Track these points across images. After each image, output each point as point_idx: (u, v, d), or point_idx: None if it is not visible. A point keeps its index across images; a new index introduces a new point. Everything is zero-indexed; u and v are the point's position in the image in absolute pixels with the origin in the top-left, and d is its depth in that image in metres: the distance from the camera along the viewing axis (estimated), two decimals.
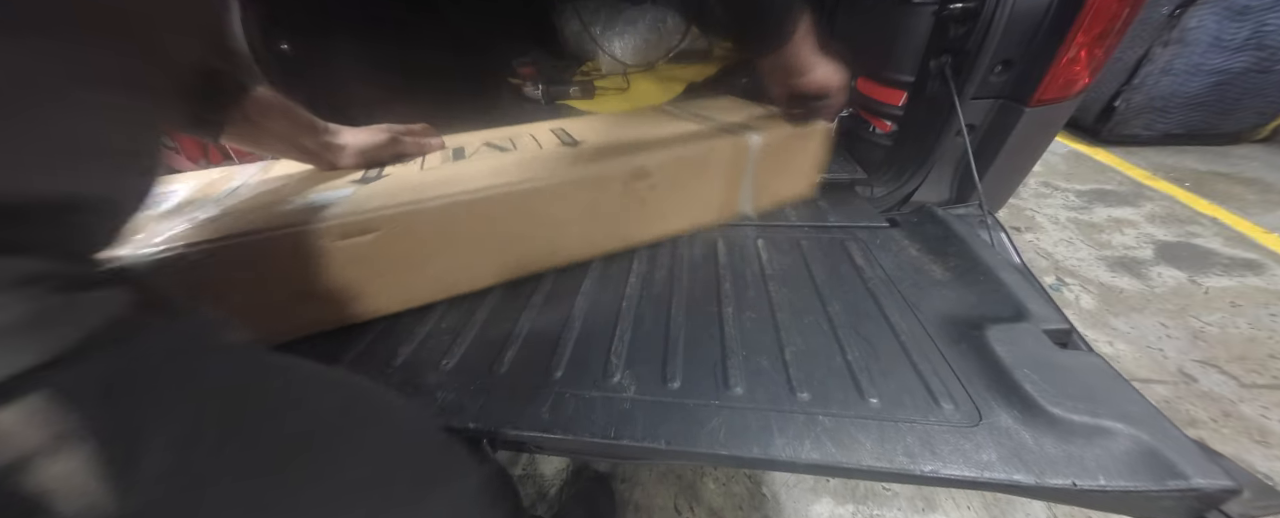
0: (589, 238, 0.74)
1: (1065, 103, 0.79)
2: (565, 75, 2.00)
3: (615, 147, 0.74)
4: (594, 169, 0.68)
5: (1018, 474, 0.43)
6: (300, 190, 0.63)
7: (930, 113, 0.88)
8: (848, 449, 0.46)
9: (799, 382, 0.54)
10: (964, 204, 0.91)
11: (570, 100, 1.84)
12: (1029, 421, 0.47)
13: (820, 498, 1.09)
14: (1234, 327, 1.48)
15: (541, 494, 1.12)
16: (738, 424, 0.49)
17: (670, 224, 0.81)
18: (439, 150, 0.77)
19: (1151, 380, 1.33)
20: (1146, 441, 0.43)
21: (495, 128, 0.91)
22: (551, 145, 0.77)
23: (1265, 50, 2.24)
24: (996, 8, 0.73)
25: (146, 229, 0.56)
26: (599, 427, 0.50)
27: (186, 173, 0.73)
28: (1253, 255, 1.80)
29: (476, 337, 0.63)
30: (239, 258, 0.52)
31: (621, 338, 0.62)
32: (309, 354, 0.60)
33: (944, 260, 0.74)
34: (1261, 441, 1.15)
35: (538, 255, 0.72)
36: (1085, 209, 2.19)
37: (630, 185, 0.70)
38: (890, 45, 1.00)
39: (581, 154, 0.72)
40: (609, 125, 0.88)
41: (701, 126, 0.82)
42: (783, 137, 0.80)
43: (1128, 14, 0.69)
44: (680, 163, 0.73)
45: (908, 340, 0.59)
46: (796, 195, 0.94)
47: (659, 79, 2.00)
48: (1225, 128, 2.57)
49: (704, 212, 0.83)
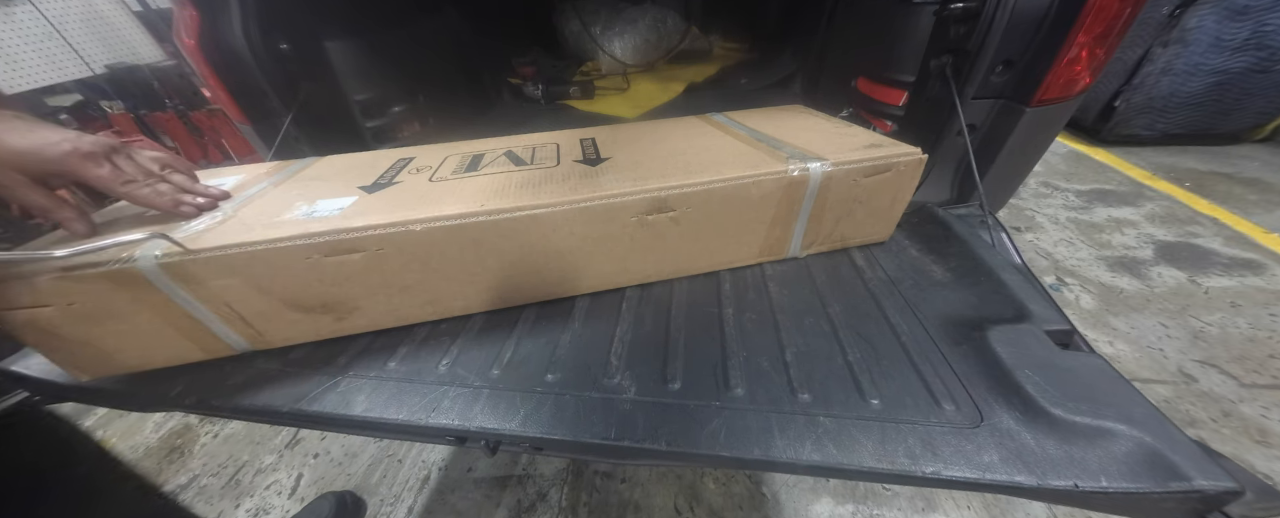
0: (598, 272, 0.66)
1: (1066, 103, 0.79)
2: (565, 75, 2.00)
3: (639, 169, 0.65)
4: (604, 197, 0.59)
5: (1019, 476, 0.43)
6: (306, 196, 0.62)
7: (931, 113, 0.88)
8: (849, 451, 0.46)
9: (800, 383, 0.54)
10: (965, 204, 0.91)
11: (570, 100, 1.84)
12: (1030, 422, 0.47)
13: (820, 498, 1.09)
14: (1234, 327, 1.48)
15: (541, 495, 1.12)
16: (738, 425, 0.49)
17: (696, 264, 0.71)
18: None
19: (1151, 381, 1.33)
20: (1148, 442, 0.43)
21: (524, 134, 0.85)
22: (570, 162, 0.69)
23: (1265, 50, 2.24)
24: (997, 8, 0.73)
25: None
26: (599, 428, 0.50)
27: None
28: (1253, 255, 1.80)
29: (475, 338, 0.63)
30: (229, 265, 0.52)
31: (622, 339, 0.61)
32: (309, 354, 0.61)
33: (945, 261, 0.74)
34: (1261, 441, 1.15)
35: (537, 286, 0.65)
36: (1085, 209, 2.18)
37: (647, 218, 0.62)
38: (890, 45, 0.99)
39: (597, 176, 0.64)
40: (642, 140, 0.77)
41: (751, 147, 0.71)
42: (859, 166, 0.66)
43: (1128, 14, 0.69)
44: (711, 196, 0.62)
45: (909, 341, 0.59)
46: (868, 239, 0.78)
47: (659, 79, 2.00)
48: (1225, 128, 2.57)
49: (740, 252, 0.72)
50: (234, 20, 0.93)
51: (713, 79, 1.95)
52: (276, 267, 0.53)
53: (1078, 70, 0.74)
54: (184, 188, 0.55)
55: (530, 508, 1.10)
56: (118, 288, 0.50)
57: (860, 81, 1.13)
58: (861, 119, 1.13)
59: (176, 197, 0.53)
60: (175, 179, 0.55)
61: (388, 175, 0.68)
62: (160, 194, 0.51)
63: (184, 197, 0.53)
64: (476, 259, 0.59)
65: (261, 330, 0.59)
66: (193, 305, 0.53)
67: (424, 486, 1.16)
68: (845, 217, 0.72)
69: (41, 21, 2.57)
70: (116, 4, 2.90)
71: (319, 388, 0.56)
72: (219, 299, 0.54)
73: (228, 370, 0.60)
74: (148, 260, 0.49)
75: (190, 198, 0.54)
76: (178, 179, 0.55)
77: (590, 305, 0.68)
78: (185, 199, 0.53)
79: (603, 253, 0.64)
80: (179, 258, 0.50)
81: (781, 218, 0.69)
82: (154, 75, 2.82)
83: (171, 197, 0.52)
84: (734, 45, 2.29)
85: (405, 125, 1.42)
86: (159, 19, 2.96)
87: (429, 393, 0.55)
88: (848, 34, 1.30)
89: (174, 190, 0.53)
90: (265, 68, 0.97)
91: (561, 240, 0.61)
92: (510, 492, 1.13)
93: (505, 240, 0.59)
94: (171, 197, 0.52)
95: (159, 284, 0.50)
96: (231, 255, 0.51)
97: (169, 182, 0.54)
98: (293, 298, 0.57)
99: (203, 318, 0.55)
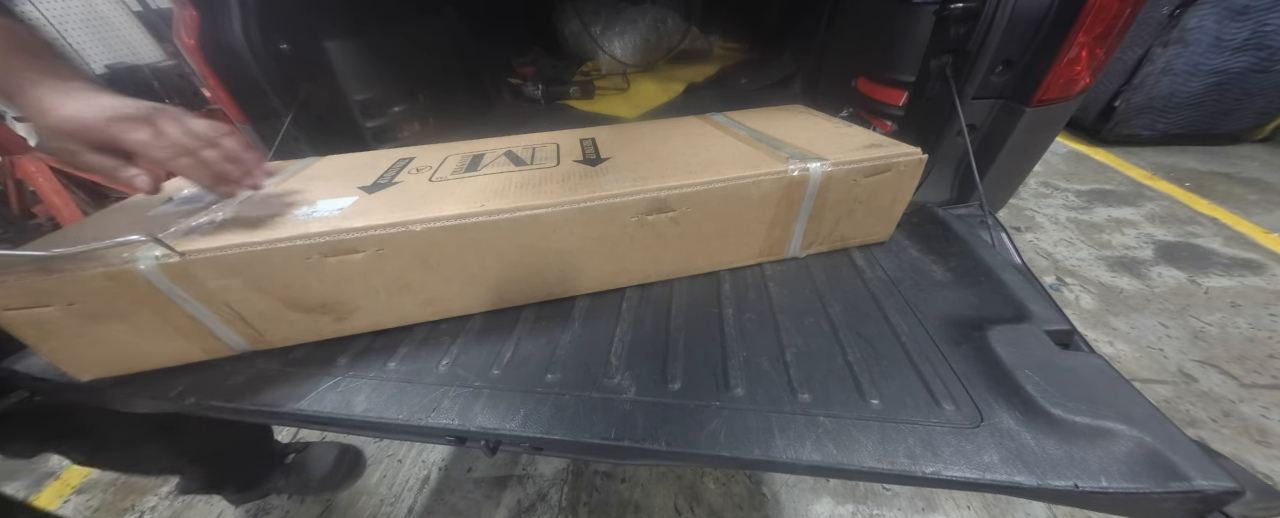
0: (598, 272, 0.67)
1: (1066, 103, 0.79)
2: (565, 75, 2.00)
3: (639, 169, 0.65)
4: (604, 197, 0.59)
5: (1019, 476, 0.43)
6: (306, 196, 0.62)
7: (931, 113, 0.88)
8: (849, 451, 0.46)
9: (800, 383, 0.54)
10: (965, 204, 0.91)
11: (570, 100, 1.84)
12: (1030, 422, 0.47)
13: (820, 498, 1.09)
14: (1234, 327, 1.48)
15: (541, 495, 1.12)
16: (738, 426, 0.49)
17: (695, 264, 0.71)
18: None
19: (1151, 381, 1.33)
20: (1148, 442, 0.43)
21: (524, 134, 0.85)
22: (570, 162, 0.69)
23: (1265, 50, 2.24)
24: (997, 8, 0.73)
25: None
26: (599, 428, 0.50)
27: None
28: (1253, 255, 1.80)
29: (475, 338, 0.63)
30: (229, 266, 0.52)
31: (622, 339, 0.61)
32: (309, 353, 0.61)
33: (945, 261, 0.74)
34: (1261, 441, 1.15)
35: (537, 286, 0.66)
36: (1085, 209, 2.18)
37: (646, 218, 0.62)
38: (890, 45, 0.99)
39: (597, 176, 0.64)
40: (642, 140, 0.78)
41: (751, 148, 0.71)
42: (859, 166, 0.66)
43: (1128, 14, 0.69)
44: (711, 196, 0.62)
45: (909, 341, 0.59)
46: (868, 239, 0.79)
47: (659, 79, 2.00)
48: (1225, 128, 2.56)
49: (740, 252, 0.72)
50: (234, 20, 0.92)
51: (713, 79, 1.95)
52: (276, 267, 0.53)
53: (1078, 70, 0.74)
54: (231, 158, 0.50)
55: (530, 508, 1.10)
56: (118, 288, 0.50)
57: (860, 81, 1.13)
58: (861, 119, 1.13)
59: (220, 168, 0.49)
60: (225, 145, 0.50)
61: (388, 175, 0.68)
62: (201, 166, 0.47)
63: (228, 168, 0.49)
64: (476, 259, 0.59)
65: (262, 331, 0.59)
66: (193, 306, 0.53)
67: (424, 485, 1.16)
68: (845, 217, 0.72)
69: (41, 21, 2.58)
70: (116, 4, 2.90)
71: (319, 388, 0.57)
72: (219, 300, 0.54)
73: (228, 370, 0.60)
74: (148, 261, 0.49)
75: (235, 170, 0.49)
76: (227, 146, 0.50)
77: (590, 305, 0.68)
78: (229, 172, 0.49)
79: (603, 253, 0.64)
80: (178, 259, 0.50)
81: (781, 218, 0.69)
82: (154, 75, 2.82)
83: (213, 169, 0.48)
84: (734, 45, 2.29)
85: (405, 125, 1.42)
86: (159, 19, 2.96)
87: (429, 393, 0.55)
88: (848, 34, 1.30)
89: (219, 161, 0.49)
90: (265, 68, 0.97)
91: (561, 241, 0.61)
92: (510, 492, 1.13)
93: (505, 241, 0.59)
94: (213, 169, 0.48)
95: (159, 285, 0.50)
96: (231, 256, 0.51)
97: (218, 148, 0.49)
98: (293, 298, 0.57)
99: (203, 318, 0.55)
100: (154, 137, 0.46)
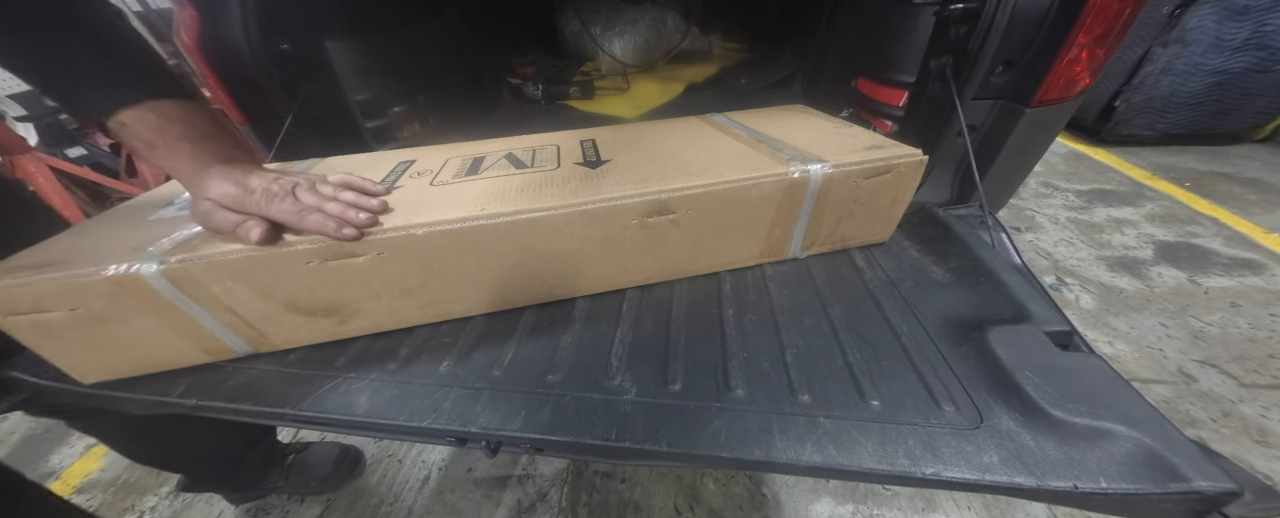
0: (599, 274, 0.67)
1: (1066, 103, 0.79)
2: (565, 75, 2.00)
3: (639, 171, 0.65)
4: (604, 200, 0.59)
5: (1019, 477, 0.43)
6: None
7: (931, 113, 0.88)
8: (849, 452, 0.46)
9: (800, 384, 0.54)
10: (965, 205, 0.91)
11: (570, 100, 1.84)
12: (1030, 423, 0.47)
13: (820, 498, 1.09)
14: (1234, 327, 1.48)
15: (541, 495, 1.12)
16: (739, 427, 0.49)
17: (696, 265, 0.72)
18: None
19: (1151, 381, 1.33)
20: (1148, 443, 0.43)
21: (524, 135, 0.85)
22: (570, 164, 0.69)
23: (1265, 50, 2.24)
24: (997, 8, 0.73)
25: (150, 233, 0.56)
26: (600, 429, 0.50)
27: None
28: (1253, 255, 1.80)
29: (476, 339, 0.63)
30: (232, 271, 0.52)
31: (622, 340, 0.62)
32: (310, 355, 0.61)
33: (945, 262, 0.74)
34: (1261, 441, 1.15)
35: (538, 288, 0.66)
36: (1085, 209, 2.18)
37: (647, 220, 0.62)
38: (890, 45, 1.00)
39: (597, 179, 0.64)
40: (642, 142, 0.78)
41: (752, 149, 0.71)
42: (859, 168, 0.66)
43: (1129, 14, 0.69)
44: (712, 198, 0.62)
45: (909, 342, 0.59)
46: (868, 240, 0.79)
47: (659, 79, 2.00)
48: (1225, 128, 2.56)
49: (740, 253, 0.72)
50: (234, 20, 0.92)
51: (713, 79, 1.95)
52: (279, 271, 0.53)
53: (1078, 71, 0.74)
54: (353, 204, 0.55)
55: (530, 508, 1.10)
56: (121, 294, 0.50)
57: (860, 82, 1.13)
58: (862, 119, 1.13)
59: (343, 216, 0.53)
60: (344, 198, 0.55)
61: (389, 179, 0.68)
62: (325, 222, 0.52)
63: (350, 214, 0.54)
64: (477, 262, 0.60)
65: (263, 333, 0.59)
66: (195, 310, 0.53)
67: (424, 486, 1.16)
68: (845, 218, 0.72)
69: None
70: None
71: (320, 389, 0.57)
72: (221, 304, 0.54)
73: (229, 372, 0.60)
74: (151, 267, 0.49)
75: (354, 216, 0.54)
76: (347, 197, 0.56)
77: (591, 307, 0.68)
78: (349, 219, 0.53)
79: (603, 255, 0.64)
80: (181, 264, 0.50)
81: (782, 219, 0.69)
82: None
83: (334, 222, 0.53)
84: (734, 45, 2.29)
85: (405, 125, 1.42)
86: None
87: (430, 394, 0.55)
88: (848, 34, 1.30)
89: (341, 211, 0.53)
90: (265, 68, 0.97)
91: (562, 243, 0.61)
92: (510, 492, 1.14)
93: (506, 244, 0.59)
94: (334, 222, 0.53)
95: (162, 290, 0.51)
96: (234, 261, 0.51)
97: (339, 200, 0.54)
98: (295, 302, 0.57)
99: (205, 322, 0.55)
100: (293, 205, 0.52)
